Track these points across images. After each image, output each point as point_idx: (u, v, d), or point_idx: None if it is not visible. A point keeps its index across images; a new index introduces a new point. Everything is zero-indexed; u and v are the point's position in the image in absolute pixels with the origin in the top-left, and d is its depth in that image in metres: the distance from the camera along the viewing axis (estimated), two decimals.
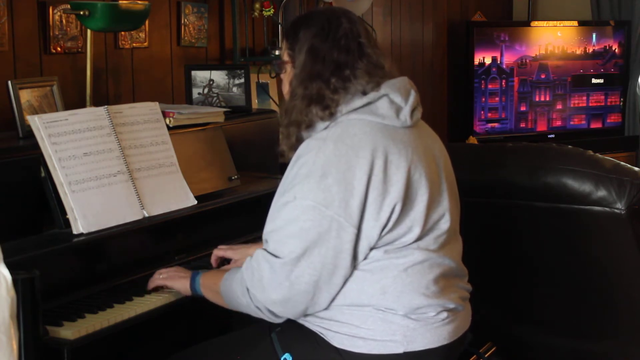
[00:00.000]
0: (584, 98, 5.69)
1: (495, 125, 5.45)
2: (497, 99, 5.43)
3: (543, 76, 5.53)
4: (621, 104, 5.77)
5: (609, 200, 2.65)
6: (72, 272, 2.16)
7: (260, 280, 1.93)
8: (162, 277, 2.21)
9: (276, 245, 1.92)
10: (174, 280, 2.19)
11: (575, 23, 5.71)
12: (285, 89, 2.11)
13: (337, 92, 1.97)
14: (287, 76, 2.10)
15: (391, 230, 1.92)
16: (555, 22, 5.67)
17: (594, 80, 5.71)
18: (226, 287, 2.04)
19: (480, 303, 2.25)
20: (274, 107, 3.65)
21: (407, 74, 2.10)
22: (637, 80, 5.77)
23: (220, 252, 2.40)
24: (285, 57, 2.09)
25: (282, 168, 2.04)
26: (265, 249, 1.96)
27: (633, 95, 5.79)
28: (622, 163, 2.75)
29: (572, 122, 5.69)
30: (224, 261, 2.40)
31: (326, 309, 1.96)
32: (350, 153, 1.89)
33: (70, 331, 1.93)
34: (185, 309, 2.20)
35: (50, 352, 1.88)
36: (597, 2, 5.83)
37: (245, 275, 1.97)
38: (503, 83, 5.43)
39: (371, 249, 1.93)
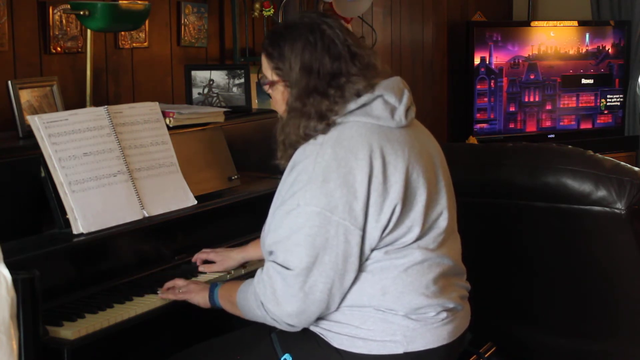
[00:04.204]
0: (574, 98, 5.68)
1: (484, 125, 5.44)
2: (485, 99, 5.42)
3: (532, 77, 5.52)
4: (601, 104, 5.75)
5: (609, 200, 2.65)
6: (72, 272, 2.16)
7: (274, 294, 1.91)
8: (180, 291, 2.18)
9: (285, 256, 1.90)
10: (192, 294, 2.16)
11: (575, 23, 5.71)
12: (282, 108, 2.04)
13: (336, 103, 1.94)
14: (280, 94, 2.03)
15: (392, 231, 1.92)
16: (555, 22, 5.67)
17: (583, 81, 5.70)
18: (241, 299, 2.02)
19: (480, 303, 2.25)
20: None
21: (407, 74, 2.10)
22: (637, 80, 5.76)
23: (203, 255, 2.43)
24: (275, 77, 2.02)
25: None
26: (274, 261, 1.93)
27: (633, 95, 5.79)
28: (622, 163, 2.75)
29: (561, 123, 5.68)
30: (208, 261, 2.43)
31: None
32: (350, 156, 1.88)
33: (70, 331, 1.93)
34: (185, 309, 2.20)
35: (50, 352, 1.88)
36: (597, 2, 5.83)
37: (258, 289, 1.95)
38: (492, 83, 5.42)
39: (372, 250, 1.93)
